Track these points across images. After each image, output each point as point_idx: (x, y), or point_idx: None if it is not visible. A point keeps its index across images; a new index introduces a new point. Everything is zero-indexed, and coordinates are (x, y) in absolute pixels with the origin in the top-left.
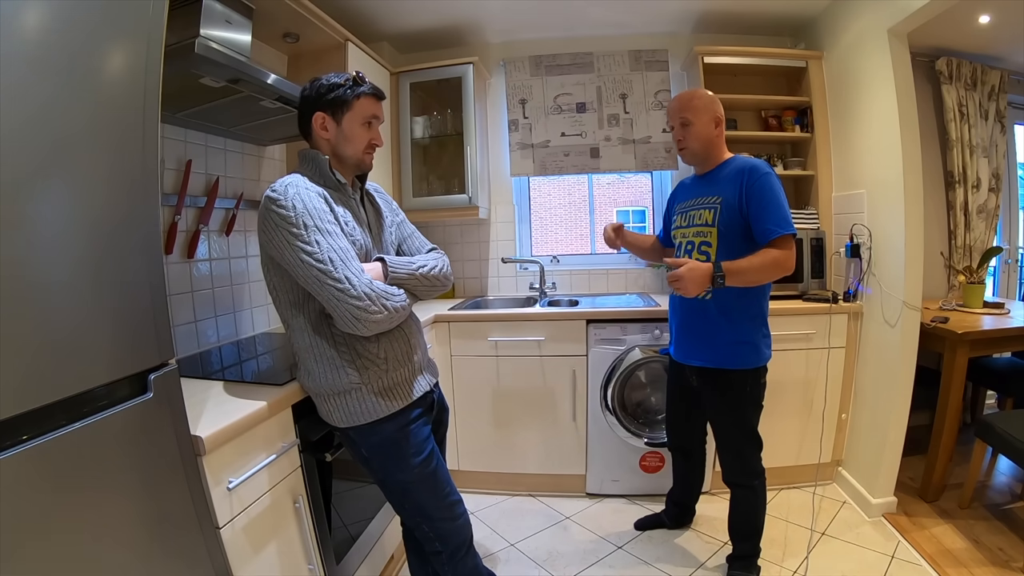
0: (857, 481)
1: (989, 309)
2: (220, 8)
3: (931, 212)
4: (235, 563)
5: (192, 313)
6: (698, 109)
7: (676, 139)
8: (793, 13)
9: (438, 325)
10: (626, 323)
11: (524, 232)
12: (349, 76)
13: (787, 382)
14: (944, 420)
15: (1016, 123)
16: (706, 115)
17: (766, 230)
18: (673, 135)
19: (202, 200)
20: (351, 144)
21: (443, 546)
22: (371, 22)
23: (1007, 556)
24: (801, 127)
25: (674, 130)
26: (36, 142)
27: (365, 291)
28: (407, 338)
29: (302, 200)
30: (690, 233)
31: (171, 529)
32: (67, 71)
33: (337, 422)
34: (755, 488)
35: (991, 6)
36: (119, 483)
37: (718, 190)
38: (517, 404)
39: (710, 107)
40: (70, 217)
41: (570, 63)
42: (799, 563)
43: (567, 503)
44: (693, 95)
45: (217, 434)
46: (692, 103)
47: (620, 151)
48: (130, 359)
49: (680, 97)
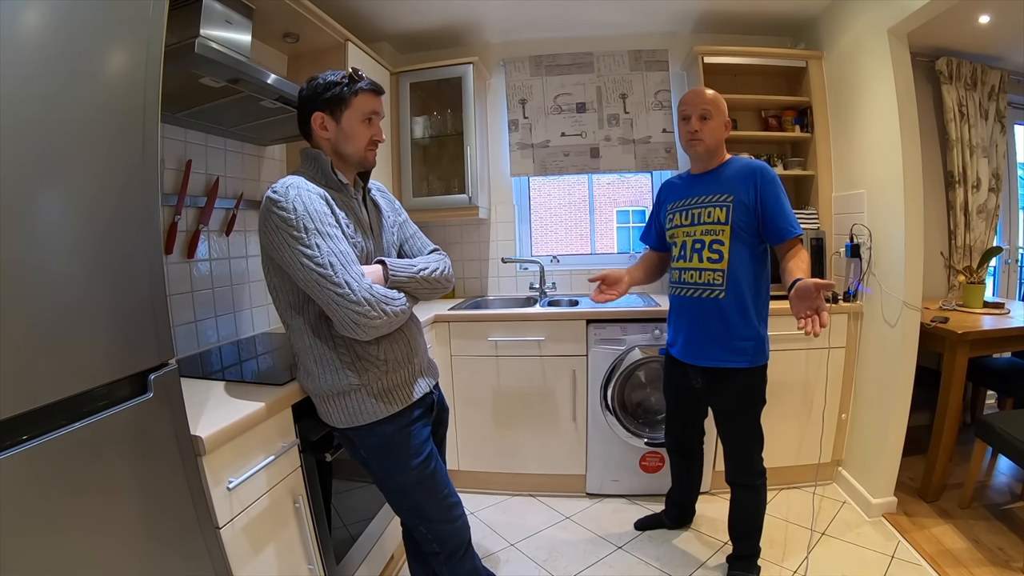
0: (857, 481)
1: (989, 309)
2: (220, 8)
3: (931, 212)
4: (235, 563)
5: (192, 313)
6: (718, 106)
7: (691, 130)
8: (793, 13)
9: (438, 325)
10: (626, 323)
11: (524, 232)
12: (346, 73)
13: (787, 382)
14: (944, 420)
15: (1016, 123)
16: (722, 115)
17: (782, 230)
18: (687, 127)
19: (202, 200)
20: (352, 142)
21: (441, 547)
22: (371, 22)
23: (1007, 556)
24: (801, 127)
25: (689, 121)
26: (36, 142)
27: (365, 296)
28: (407, 340)
29: (303, 202)
30: (697, 232)
31: (171, 529)
32: (67, 71)
33: (336, 423)
34: (757, 488)
35: (991, 6)
36: (119, 483)
37: (727, 188)
38: (517, 404)
39: (724, 108)
40: (70, 217)
41: (570, 63)
42: (799, 563)
43: (567, 503)
44: (714, 93)
45: (217, 434)
46: (713, 99)
47: (620, 151)
48: (130, 359)
49: (700, 91)
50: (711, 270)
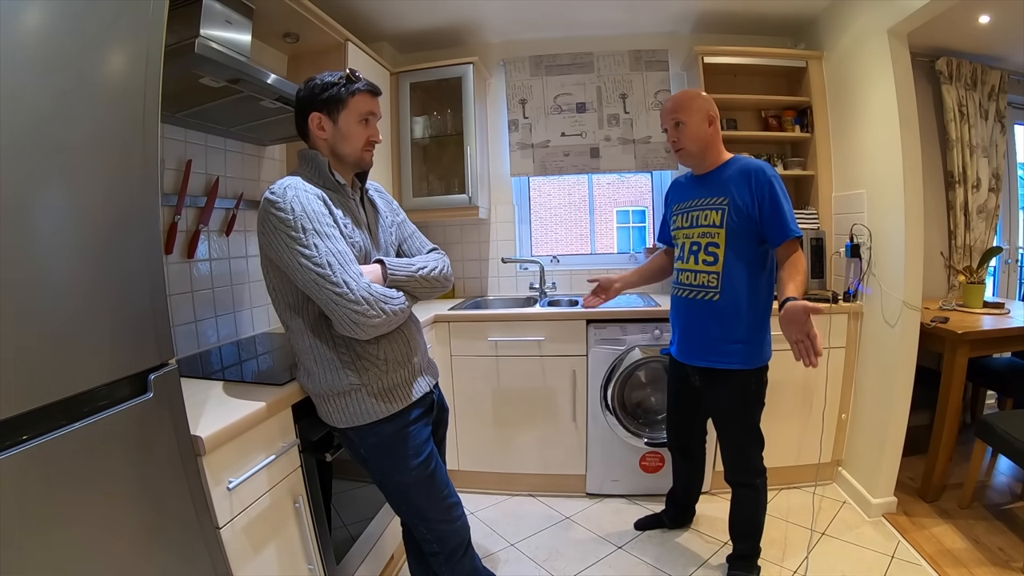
0: (857, 481)
1: (989, 309)
2: (220, 8)
3: (931, 212)
4: (235, 563)
5: (192, 313)
6: (690, 109)
7: (671, 141)
8: (793, 13)
9: (438, 325)
10: (626, 323)
11: (524, 232)
12: (342, 74)
13: (787, 382)
14: (944, 420)
15: (1016, 123)
16: (698, 115)
17: (781, 232)
18: (668, 138)
19: (202, 200)
20: (349, 142)
21: (440, 547)
22: (371, 22)
23: (1007, 556)
24: (801, 127)
25: (668, 132)
26: (36, 142)
27: (363, 295)
28: (407, 339)
29: (301, 203)
30: (694, 234)
31: (171, 529)
32: (67, 71)
33: (336, 423)
34: (757, 487)
35: (991, 6)
36: (119, 483)
37: (723, 191)
38: (517, 404)
39: (702, 106)
40: (70, 217)
41: (570, 63)
42: (799, 563)
43: (567, 503)
44: (683, 95)
45: (217, 434)
46: (683, 103)
47: (620, 151)
48: (130, 359)
49: (672, 99)
50: (706, 272)
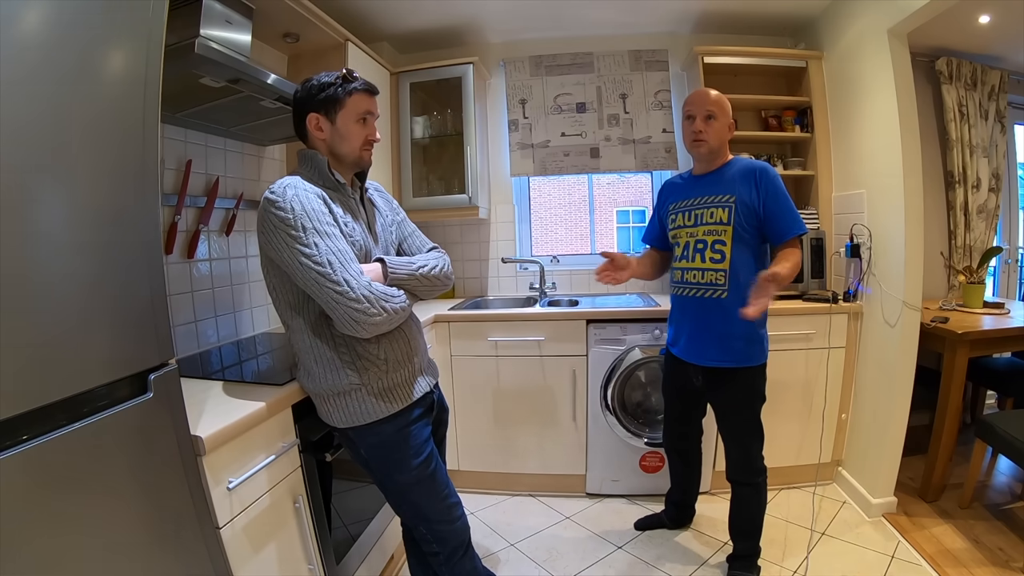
0: (857, 481)
1: (989, 309)
2: (220, 8)
3: (931, 212)
4: (235, 563)
5: (192, 313)
6: (724, 107)
7: (695, 130)
8: (793, 13)
9: (438, 325)
10: (626, 323)
11: (524, 232)
12: (339, 74)
13: (787, 382)
14: (944, 420)
15: (1016, 123)
16: (726, 116)
17: (784, 229)
18: (691, 127)
19: (202, 200)
20: (347, 142)
21: (440, 547)
22: (371, 22)
23: (1007, 556)
24: (801, 127)
25: (694, 122)
26: (36, 142)
27: (364, 293)
28: (407, 339)
29: (300, 202)
30: (699, 232)
31: (171, 529)
32: (67, 71)
33: (336, 423)
34: (758, 486)
35: (991, 6)
36: (119, 483)
37: (729, 189)
38: (517, 404)
39: (729, 110)
40: (70, 217)
41: (570, 63)
42: (799, 563)
43: (567, 503)
44: (718, 94)
45: (217, 434)
46: (718, 100)
47: (620, 151)
48: (130, 359)
49: (705, 92)
50: (713, 270)
